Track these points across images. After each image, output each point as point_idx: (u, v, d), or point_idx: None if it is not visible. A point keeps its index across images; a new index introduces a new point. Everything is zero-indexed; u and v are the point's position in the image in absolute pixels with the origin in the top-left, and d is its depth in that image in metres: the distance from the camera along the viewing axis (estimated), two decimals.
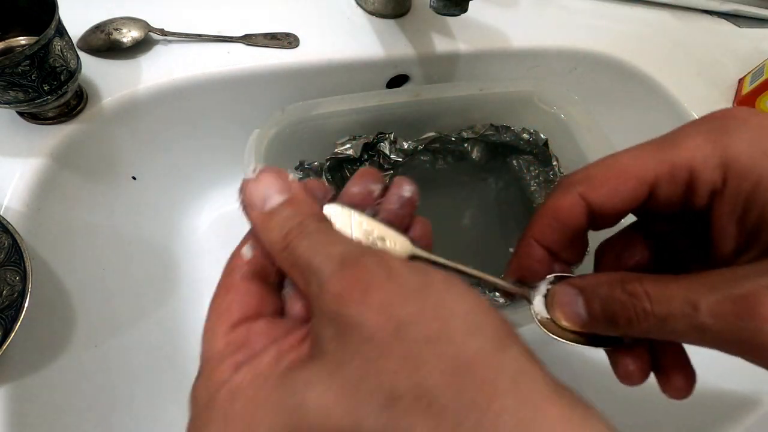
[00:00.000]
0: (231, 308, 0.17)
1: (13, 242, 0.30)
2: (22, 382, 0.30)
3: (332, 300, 0.14)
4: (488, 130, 0.46)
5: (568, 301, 0.18)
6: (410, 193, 0.20)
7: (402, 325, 0.13)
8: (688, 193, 0.17)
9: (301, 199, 0.17)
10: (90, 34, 0.41)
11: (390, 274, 0.14)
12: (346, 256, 0.14)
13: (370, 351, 0.13)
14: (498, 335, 0.13)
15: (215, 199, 0.52)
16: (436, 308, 0.13)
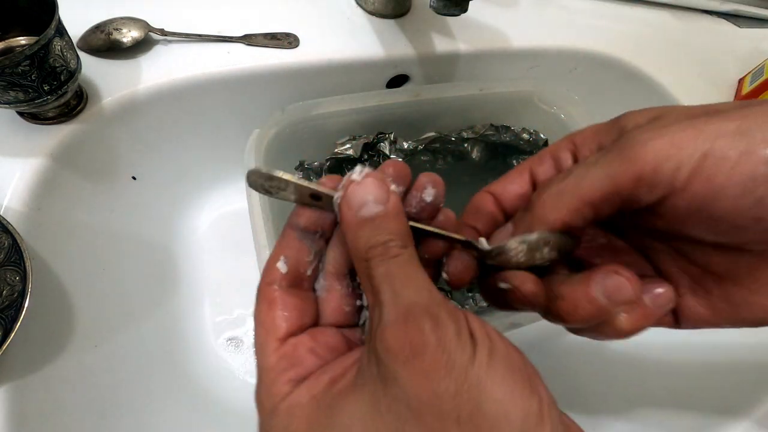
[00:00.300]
0: (277, 323, 0.18)
1: (13, 242, 0.30)
2: (22, 382, 0.30)
3: (384, 349, 0.15)
4: (488, 130, 0.46)
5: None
6: (432, 198, 0.20)
7: (438, 398, 0.14)
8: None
9: (393, 216, 0.18)
10: (90, 34, 0.41)
11: (440, 343, 0.15)
12: (409, 311, 0.15)
13: (405, 412, 0.14)
14: (525, 426, 0.14)
15: (215, 199, 0.52)
16: (471, 390, 0.14)
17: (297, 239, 0.20)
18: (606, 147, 0.19)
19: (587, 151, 0.21)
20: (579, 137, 0.21)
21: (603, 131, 0.20)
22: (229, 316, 0.47)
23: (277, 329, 0.18)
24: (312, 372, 0.17)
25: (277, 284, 0.19)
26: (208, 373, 0.44)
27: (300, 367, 0.18)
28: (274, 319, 0.18)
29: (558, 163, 0.22)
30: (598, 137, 0.21)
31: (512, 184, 0.22)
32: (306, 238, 0.20)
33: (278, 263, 0.19)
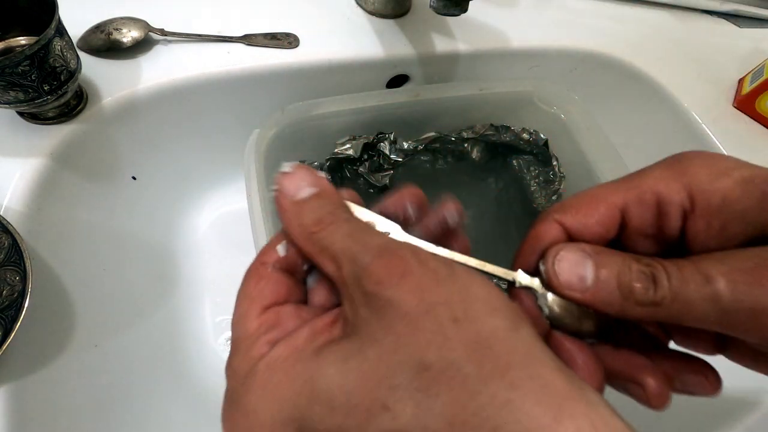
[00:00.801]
0: (263, 293, 0.18)
1: (13, 242, 0.30)
2: (22, 382, 0.30)
3: (372, 283, 0.15)
4: (488, 130, 0.46)
5: (574, 262, 0.18)
6: (453, 224, 0.21)
7: (432, 305, 0.14)
8: (660, 217, 0.18)
9: (330, 192, 0.19)
10: (90, 34, 0.41)
11: (422, 264, 0.15)
12: (384, 247, 0.16)
13: (404, 327, 0.14)
14: (512, 317, 0.15)
15: (215, 199, 0.52)
16: (461, 293, 0.15)
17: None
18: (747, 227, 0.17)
19: (717, 222, 0.17)
20: (702, 191, 0.17)
21: (744, 201, 0.17)
22: (229, 316, 0.47)
23: (263, 298, 0.18)
24: (291, 331, 0.17)
25: (271, 266, 0.19)
26: (208, 373, 0.44)
27: (280, 328, 0.17)
28: (262, 289, 0.18)
29: (663, 211, 0.18)
30: (732, 204, 0.17)
31: (592, 219, 0.19)
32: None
33: (279, 246, 0.19)
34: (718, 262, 0.16)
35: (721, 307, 0.15)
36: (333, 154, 0.42)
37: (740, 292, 0.15)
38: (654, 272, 0.16)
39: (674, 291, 0.16)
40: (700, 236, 0.18)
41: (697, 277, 0.16)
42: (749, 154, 0.48)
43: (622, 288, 0.17)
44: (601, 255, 0.18)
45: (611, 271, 0.17)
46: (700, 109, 0.50)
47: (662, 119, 0.53)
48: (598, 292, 0.17)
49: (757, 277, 0.15)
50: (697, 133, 0.49)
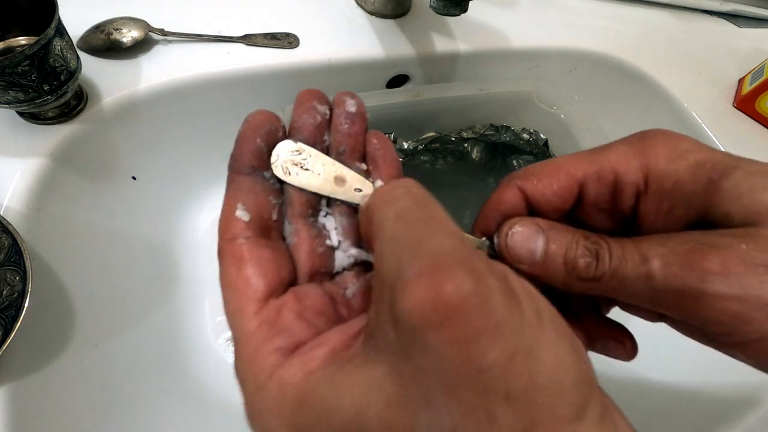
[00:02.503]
0: (251, 284, 0.16)
1: (13, 242, 0.30)
2: (22, 382, 0.30)
3: (407, 312, 0.12)
4: (488, 130, 0.46)
5: (527, 236, 0.18)
6: (355, 108, 0.20)
7: (482, 372, 0.11)
8: (615, 194, 0.19)
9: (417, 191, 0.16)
10: (90, 34, 0.41)
11: (484, 304, 0.12)
12: (438, 260, 0.12)
13: (436, 386, 0.12)
14: (580, 395, 0.12)
15: (215, 199, 0.52)
16: (525, 359, 0.12)
17: (250, 180, 0.18)
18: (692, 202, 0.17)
19: (666, 204, 0.18)
20: (657, 173, 0.18)
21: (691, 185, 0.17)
22: None
23: (253, 290, 0.16)
24: (303, 341, 0.15)
25: (242, 238, 0.16)
26: (208, 373, 0.44)
27: (287, 334, 0.15)
28: (248, 278, 0.16)
29: (618, 189, 0.19)
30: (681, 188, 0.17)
31: (551, 188, 0.19)
32: (259, 177, 0.18)
33: (236, 212, 0.17)
34: (657, 243, 0.16)
35: (653, 286, 0.16)
36: None
37: (671, 274, 0.15)
38: (598, 250, 0.17)
39: (613, 268, 0.16)
40: (650, 216, 0.18)
41: (636, 256, 0.16)
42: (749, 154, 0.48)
43: (567, 263, 0.17)
44: (553, 230, 0.18)
45: (559, 247, 0.18)
46: (700, 109, 0.50)
47: (662, 119, 0.53)
48: (545, 267, 0.18)
49: (689, 261, 0.15)
50: (697, 133, 0.49)
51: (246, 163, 0.18)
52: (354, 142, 0.20)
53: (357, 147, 0.20)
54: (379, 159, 0.20)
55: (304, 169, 0.18)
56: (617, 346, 0.20)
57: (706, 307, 0.15)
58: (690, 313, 0.16)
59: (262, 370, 0.14)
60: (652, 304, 0.16)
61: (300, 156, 0.19)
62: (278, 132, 0.19)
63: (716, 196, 0.16)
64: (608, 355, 0.20)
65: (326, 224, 0.19)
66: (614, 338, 0.20)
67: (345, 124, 0.20)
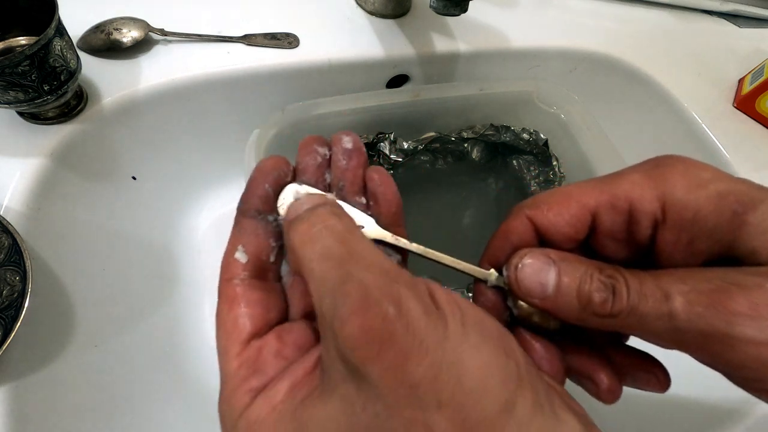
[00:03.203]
0: (238, 325, 0.17)
1: (13, 242, 0.30)
2: (22, 382, 0.30)
3: (348, 348, 0.13)
4: (488, 130, 0.46)
5: (537, 268, 0.18)
6: (351, 144, 0.21)
7: (415, 388, 0.13)
8: (631, 224, 0.18)
9: (324, 202, 0.17)
10: (90, 34, 0.41)
11: (407, 328, 0.13)
12: (364, 296, 0.13)
13: (382, 409, 0.13)
14: (507, 393, 0.13)
15: (215, 199, 0.52)
16: (450, 367, 0.13)
17: (254, 224, 0.19)
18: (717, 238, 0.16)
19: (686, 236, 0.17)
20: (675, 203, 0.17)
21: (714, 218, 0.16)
22: None
23: (239, 331, 0.17)
24: (272, 379, 0.16)
25: (238, 279, 0.17)
26: (208, 373, 0.44)
27: (262, 373, 0.16)
28: (236, 318, 0.17)
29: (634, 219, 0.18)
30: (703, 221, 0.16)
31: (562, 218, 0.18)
32: (263, 221, 0.19)
33: (236, 254, 0.18)
34: (679, 280, 0.16)
35: (675, 327, 0.15)
36: None
37: (695, 314, 0.15)
38: (614, 284, 0.16)
39: (632, 305, 0.16)
40: (669, 248, 0.17)
41: (657, 293, 0.15)
42: (749, 154, 0.48)
43: (581, 298, 0.17)
44: (566, 262, 0.18)
45: (572, 281, 0.17)
46: (700, 109, 0.50)
47: (662, 119, 0.53)
48: (557, 301, 0.17)
49: (714, 301, 0.14)
50: (697, 133, 0.49)
51: (252, 207, 0.19)
52: (352, 176, 0.21)
53: (356, 181, 0.21)
54: (380, 195, 0.20)
55: None
56: (648, 377, 0.19)
57: (733, 352, 0.14)
58: (715, 356, 0.15)
59: (234, 410, 0.15)
60: (674, 344, 0.16)
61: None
62: (287, 177, 0.20)
63: (742, 231, 0.16)
64: (641, 388, 0.20)
65: None
66: (644, 369, 0.19)
67: (343, 160, 0.21)
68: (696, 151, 0.49)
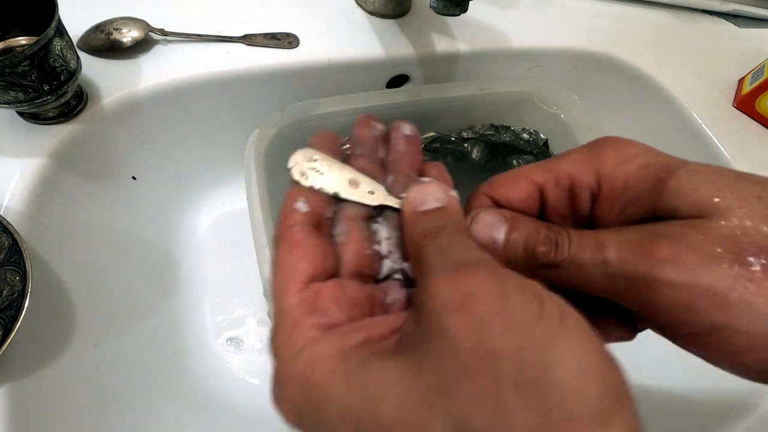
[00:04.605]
0: (299, 265, 0.17)
1: (13, 242, 0.30)
2: (22, 382, 0.30)
3: (430, 299, 0.13)
4: (488, 130, 0.46)
5: (489, 223, 0.19)
6: (411, 131, 0.23)
7: (494, 355, 0.12)
8: (573, 198, 0.20)
9: (453, 211, 0.18)
10: (90, 34, 0.41)
11: (501, 292, 0.13)
12: (462, 260, 0.14)
13: (453, 366, 0.12)
14: (604, 405, 0.12)
15: (215, 199, 0.52)
16: (539, 351, 0.12)
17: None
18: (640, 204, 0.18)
19: (619, 203, 0.19)
20: (608, 176, 0.19)
21: (640, 185, 0.18)
22: (229, 316, 0.47)
23: (300, 272, 0.17)
24: (339, 323, 0.16)
25: (299, 226, 0.18)
26: (208, 373, 0.44)
27: (325, 315, 0.16)
28: (298, 260, 0.17)
29: (575, 193, 0.20)
30: (631, 188, 0.18)
31: (514, 195, 0.20)
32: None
33: (297, 203, 0.19)
34: (614, 233, 0.17)
35: (608, 273, 0.16)
36: None
37: (625, 261, 0.16)
38: (558, 237, 0.18)
39: (572, 254, 0.17)
40: (605, 217, 0.19)
41: (593, 243, 0.17)
42: (749, 154, 0.48)
43: (527, 249, 0.18)
44: (517, 219, 0.19)
45: (521, 234, 0.18)
46: (700, 109, 0.50)
47: (662, 119, 0.53)
48: (506, 253, 0.18)
49: (642, 249, 0.16)
50: (697, 133, 0.49)
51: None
52: (410, 160, 0.22)
53: (414, 167, 0.22)
54: None
55: (319, 173, 0.20)
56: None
57: (657, 295, 0.15)
58: (643, 301, 0.16)
59: (299, 340, 0.15)
60: (609, 292, 0.17)
61: (315, 162, 0.20)
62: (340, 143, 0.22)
63: (663, 194, 0.17)
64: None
65: (378, 232, 0.20)
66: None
67: (402, 145, 0.22)
68: (696, 151, 0.49)
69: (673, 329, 0.16)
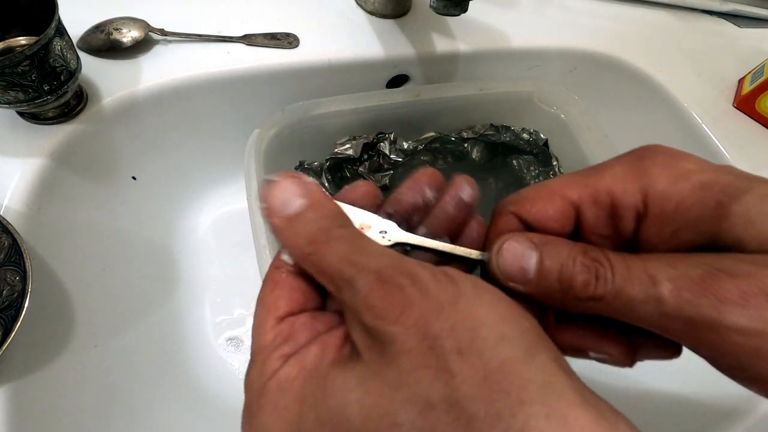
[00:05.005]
0: (278, 303, 0.17)
1: (13, 242, 0.30)
2: (22, 382, 0.30)
3: (370, 316, 0.14)
4: (488, 130, 0.46)
5: (518, 253, 0.17)
6: (469, 198, 0.20)
7: (435, 339, 0.14)
8: (614, 218, 0.18)
9: (322, 203, 0.17)
10: (90, 34, 0.41)
11: (422, 293, 0.14)
12: (380, 274, 0.15)
13: (407, 363, 0.14)
14: (526, 343, 0.14)
15: (215, 199, 0.52)
16: (465, 320, 0.14)
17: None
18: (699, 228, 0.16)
19: (669, 227, 0.17)
20: (657, 195, 0.17)
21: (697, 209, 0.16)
22: (229, 316, 0.47)
23: (278, 308, 0.17)
24: (302, 346, 0.16)
25: (286, 269, 0.18)
26: (208, 373, 0.44)
27: (294, 342, 0.16)
28: (276, 299, 0.17)
29: (617, 213, 0.18)
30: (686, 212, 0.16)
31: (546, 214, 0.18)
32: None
33: (283, 256, 0.18)
34: (667, 264, 0.15)
35: (662, 312, 0.15)
36: (333, 155, 0.42)
37: (683, 301, 0.14)
38: (597, 267, 0.16)
39: (617, 288, 0.15)
40: (652, 240, 0.17)
41: (644, 277, 0.15)
42: (749, 154, 0.48)
43: (563, 281, 0.16)
44: (549, 245, 0.17)
45: (554, 264, 0.16)
46: (700, 109, 0.50)
47: (662, 119, 0.53)
48: (539, 285, 0.17)
49: (703, 287, 0.14)
50: (697, 133, 0.49)
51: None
52: (449, 226, 0.20)
53: (450, 229, 0.20)
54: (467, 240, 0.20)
55: None
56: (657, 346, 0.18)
57: (721, 340, 0.14)
58: (702, 343, 0.15)
59: (265, 373, 0.16)
60: (661, 330, 0.15)
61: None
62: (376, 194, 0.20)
63: (726, 222, 0.15)
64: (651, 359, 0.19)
65: None
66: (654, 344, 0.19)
67: (451, 206, 0.20)
68: (696, 151, 0.49)
69: (737, 372, 0.15)
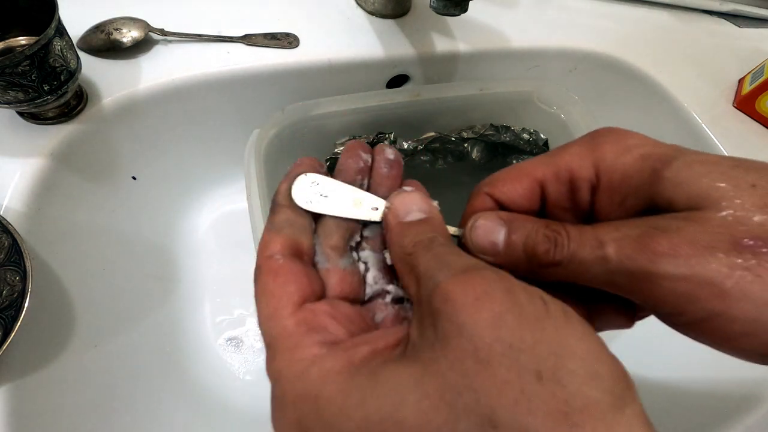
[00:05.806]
0: (288, 289, 0.17)
1: (13, 242, 0.30)
2: (22, 382, 0.30)
3: (442, 300, 0.14)
4: (488, 130, 0.46)
5: (489, 228, 0.19)
6: (394, 155, 0.23)
7: (513, 349, 0.12)
8: (573, 192, 0.20)
9: (438, 221, 0.19)
10: (90, 34, 0.41)
11: (508, 292, 0.14)
12: (467, 266, 0.15)
13: (473, 365, 0.12)
14: (617, 389, 0.13)
15: (215, 199, 0.52)
16: (551, 343, 0.13)
17: (290, 212, 0.20)
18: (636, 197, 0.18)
19: (617, 196, 0.19)
20: (606, 167, 0.19)
21: (638, 177, 0.18)
22: (229, 316, 0.47)
23: (289, 295, 0.17)
24: (341, 340, 0.16)
25: (278, 255, 0.18)
26: (208, 373, 0.44)
27: (325, 332, 0.16)
28: (284, 285, 0.17)
29: (575, 186, 0.20)
30: (629, 180, 0.18)
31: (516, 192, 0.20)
32: (299, 211, 0.20)
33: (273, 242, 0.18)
34: (613, 228, 0.17)
35: (608, 269, 0.16)
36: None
37: (624, 257, 0.16)
38: (557, 236, 0.18)
39: (571, 252, 0.17)
40: (605, 209, 0.19)
41: (593, 241, 0.17)
42: (749, 154, 0.48)
43: (527, 250, 0.18)
44: (516, 221, 0.19)
45: (520, 236, 0.19)
46: (700, 109, 0.50)
47: (662, 119, 0.53)
48: (507, 256, 0.19)
49: (640, 243, 0.16)
50: (697, 133, 0.49)
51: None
52: (391, 183, 0.22)
53: (394, 187, 0.22)
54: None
55: (323, 197, 0.20)
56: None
57: (657, 288, 0.16)
58: (643, 294, 0.16)
59: (303, 359, 0.15)
60: (609, 286, 0.17)
61: (319, 186, 0.20)
62: (321, 170, 0.21)
63: (659, 185, 0.17)
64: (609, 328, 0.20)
65: (360, 256, 0.21)
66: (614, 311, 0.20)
67: (384, 168, 0.22)
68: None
69: (674, 318, 0.16)
